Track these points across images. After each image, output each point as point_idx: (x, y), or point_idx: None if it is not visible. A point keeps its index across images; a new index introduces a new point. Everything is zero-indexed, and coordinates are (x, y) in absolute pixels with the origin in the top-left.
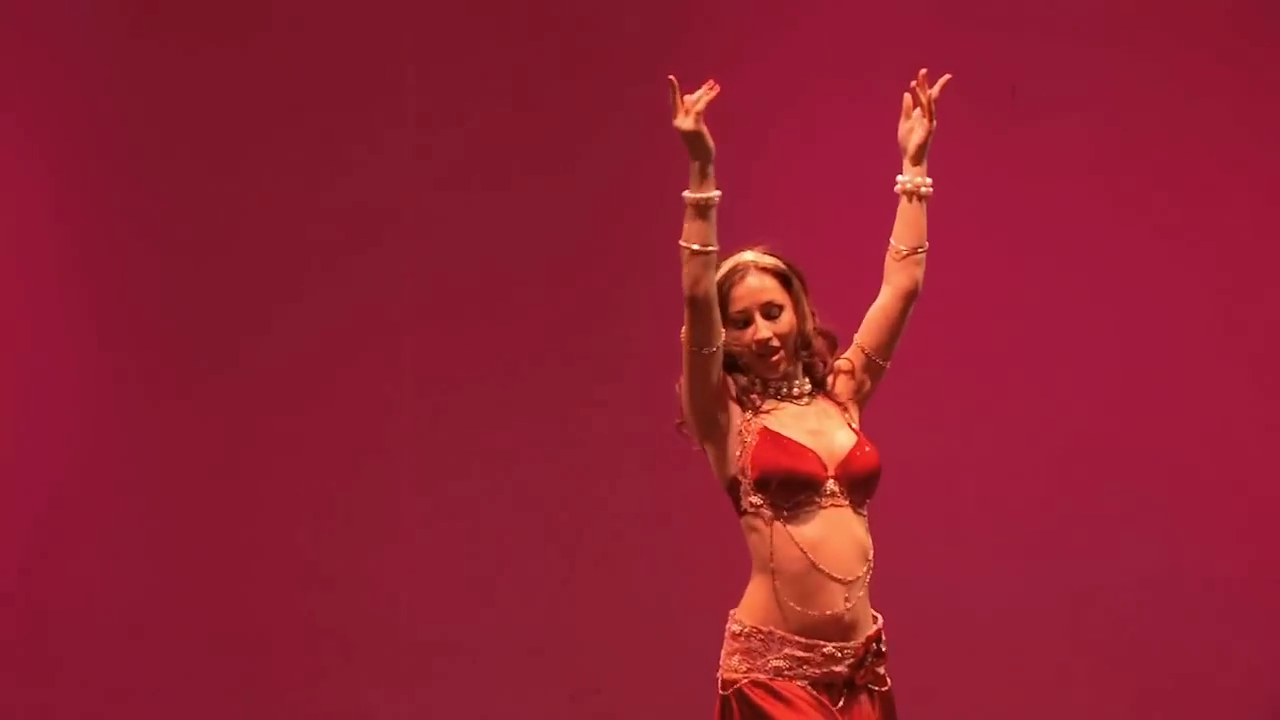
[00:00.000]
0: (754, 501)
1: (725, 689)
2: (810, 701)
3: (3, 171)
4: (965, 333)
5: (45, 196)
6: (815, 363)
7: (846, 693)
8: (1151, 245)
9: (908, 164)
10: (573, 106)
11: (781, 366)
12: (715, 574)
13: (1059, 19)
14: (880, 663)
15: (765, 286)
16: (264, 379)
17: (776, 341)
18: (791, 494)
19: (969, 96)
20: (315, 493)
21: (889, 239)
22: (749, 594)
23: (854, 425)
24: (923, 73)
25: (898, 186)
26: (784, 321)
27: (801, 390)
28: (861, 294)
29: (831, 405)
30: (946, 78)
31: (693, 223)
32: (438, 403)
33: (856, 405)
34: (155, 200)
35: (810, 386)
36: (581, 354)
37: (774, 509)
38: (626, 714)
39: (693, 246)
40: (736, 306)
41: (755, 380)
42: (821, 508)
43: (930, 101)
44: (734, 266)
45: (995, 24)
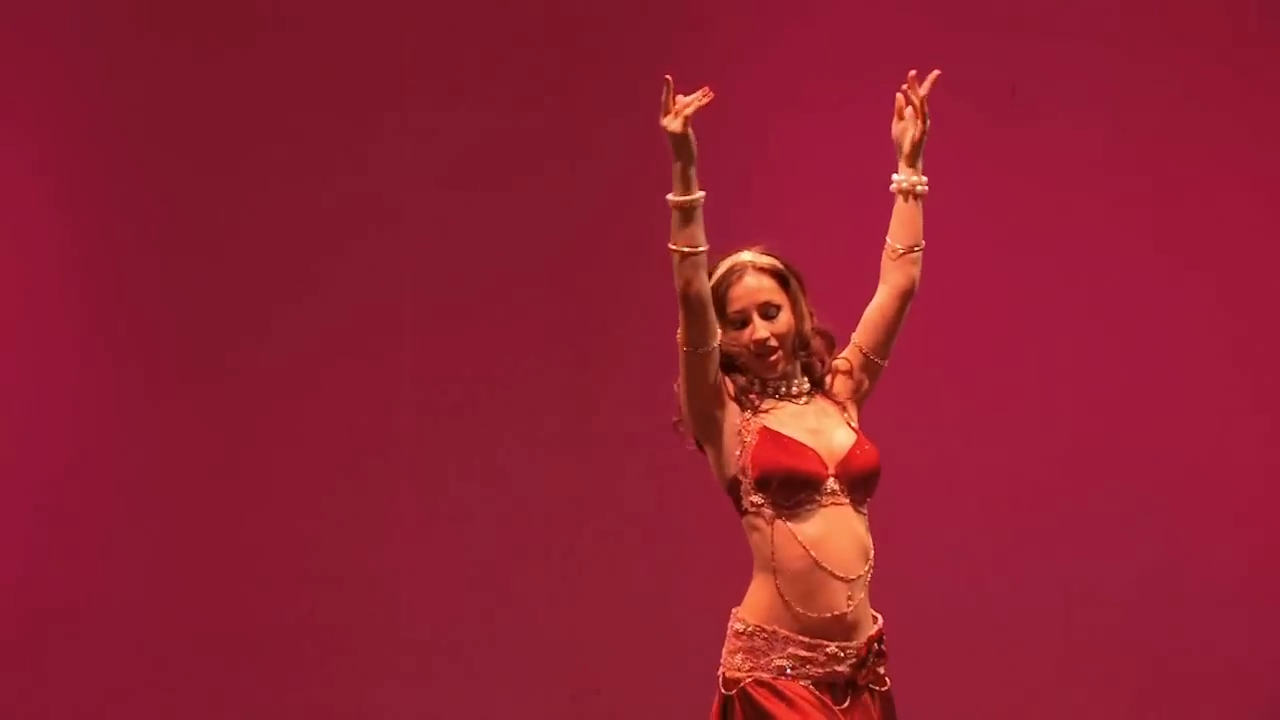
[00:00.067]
0: (755, 501)
1: (728, 688)
2: (813, 702)
3: (3, 171)
4: (965, 332)
5: (45, 196)
6: (813, 362)
7: (849, 693)
8: (1151, 245)
9: (903, 164)
10: (573, 107)
11: (780, 366)
12: (715, 574)
13: (1059, 19)
14: (881, 662)
15: (763, 286)
16: (263, 378)
17: (774, 341)
18: (792, 493)
19: (969, 96)
20: (315, 492)
21: (885, 238)
22: (751, 593)
23: (853, 424)
24: (912, 74)
25: (893, 186)
26: (782, 321)
27: (800, 390)
28: (860, 294)
29: (830, 404)
30: (935, 74)
31: (679, 225)
32: (438, 402)
33: (855, 404)
34: (155, 200)
35: (809, 386)
36: (581, 354)
37: (775, 508)
38: (626, 714)
39: (682, 249)
40: (734, 306)
41: (754, 380)
42: (822, 506)
43: (923, 102)
44: (731, 266)
45: (995, 24)
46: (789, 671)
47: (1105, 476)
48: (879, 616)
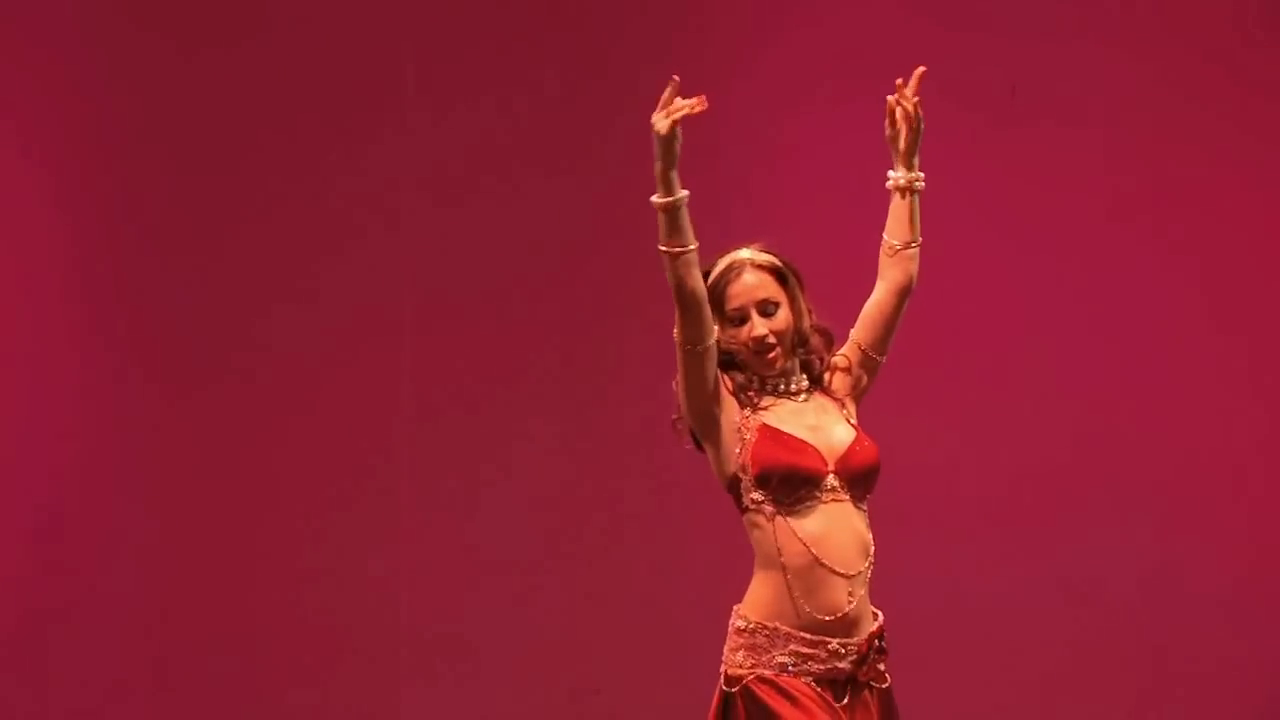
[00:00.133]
0: (755, 498)
1: (730, 685)
2: (816, 700)
3: (2, 171)
4: (965, 331)
5: (45, 196)
6: (812, 359)
7: (850, 689)
8: (1151, 245)
9: (899, 163)
10: (573, 107)
11: (778, 364)
12: (715, 573)
13: (1059, 19)
14: (882, 659)
15: (761, 284)
16: (263, 378)
17: (773, 339)
18: (792, 489)
19: (969, 97)
20: (315, 492)
21: (882, 235)
22: (753, 590)
23: (852, 421)
24: (899, 82)
25: (889, 183)
26: (780, 319)
27: (799, 387)
28: (860, 292)
29: (829, 401)
30: (921, 70)
31: (666, 226)
32: (438, 403)
33: (853, 401)
34: (155, 200)
35: (807, 383)
36: (581, 354)
37: (775, 505)
38: (626, 714)
39: (671, 250)
40: (732, 304)
41: (752, 378)
42: (822, 502)
43: (916, 107)
44: (729, 264)
45: (995, 24)
46: (791, 668)
47: (1105, 475)
48: (879, 613)
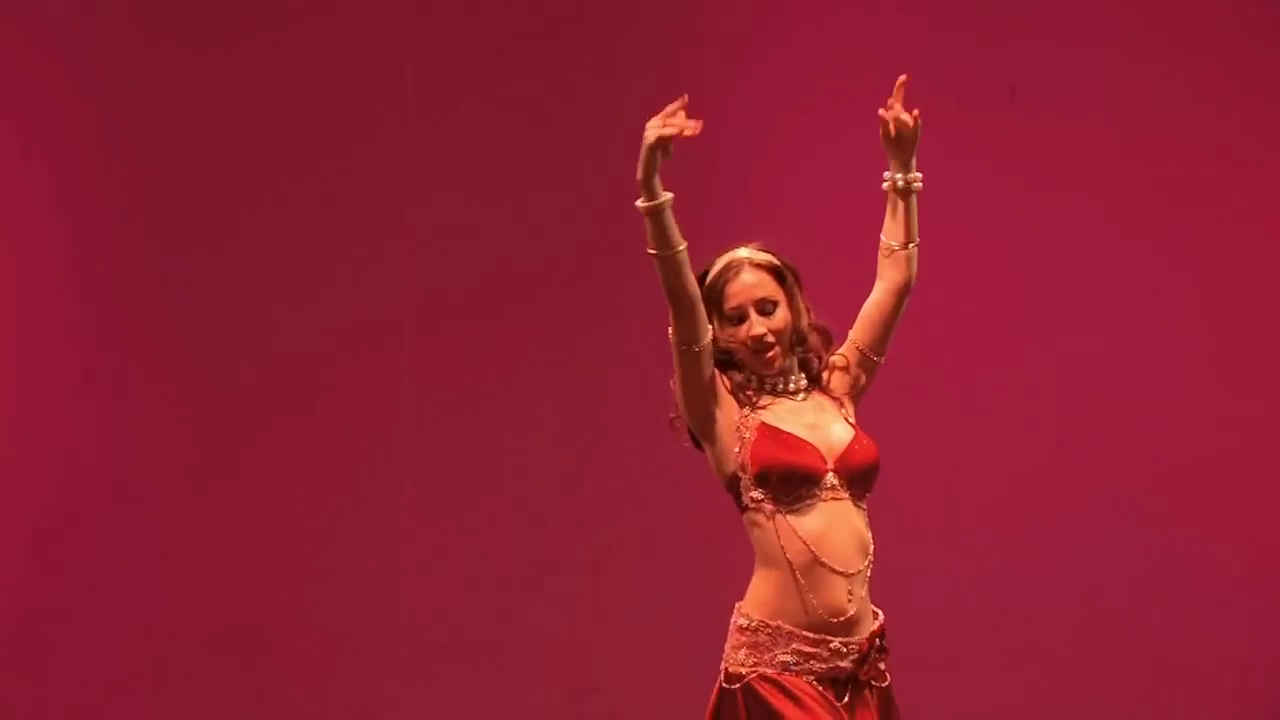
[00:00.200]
0: (755, 496)
1: (731, 683)
2: (818, 699)
3: (3, 171)
4: (964, 331)
5: (45, 196)
6: (810, 358)
7: (850, 688)
8: (1151, 245)
9: (896, 166)
10: (573, 108)
11: (777, 363)
12: (715, 573)
13: (1059, 19)
14: (883, 658)
15: (760, 282)
16: (264, 378)
17: (771, 338)
18: (792, 488)
19: (969, 97)
20: (316, 492)
21: (880, 235)
22: (754, 588)
23: (850, 420)
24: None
25: (886, 184)
26: (779, 317)
27: (798, 386)
28: (860, 292)
29: (827, 400)
30: (902, 79)
31: (653, 230)
32: (438, 402)
33: (852, 400)
34: (155, 200)
35: (806, 382)
36: (581, 354)
37: (775, 503)
38: (626, 714)
39: (661, 253)
40: (731, 303)
41: (751, 377)
42: (822, 501)
43: (915, 119)
44: (728, 263)
45: (995, 24)
46: (793, 667)
47: (1105, 475)
48: (879, 612)
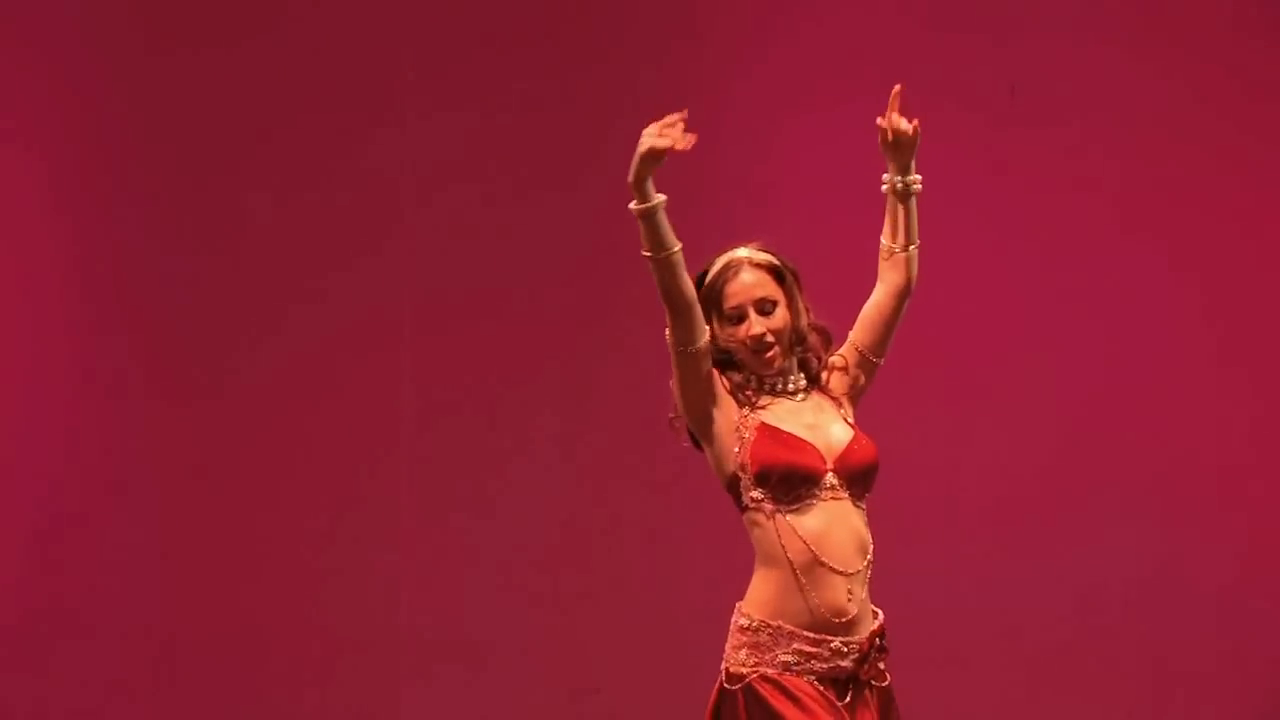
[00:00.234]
0: (755, 496)
1: (732, 683)
2: (819, 700)
3: (2, 171)
4: (964, 331)
5: (45, 196)
6: (810, 358)
7: (852, 688)
8: (1151, 244)
9: (896, 169)
10: (573, 109)
11: (776, 363)
12: (714, 573)
13: (1059, 19)
14: (883, 658)
15: (759, 282)
16: (264, 379)
17: (771, 337)
18: (791, 487)
19: (968, 97)
20: (316, 492)
21: (880, 238)
22: (754, 588)
23: (849, 420)
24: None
25: (885, 186)
26: (778, 317)
27: (797, 386)
28: (860, 292)
29: (827, 400)
30: (897, 89)
31: (646, 232)
32: (438, 404)
33: (850, 400)
34: (155, 201)
35: (805, 382)
36: (581, 355)
37: (775, 502)
38: (626, 714)
39: (655, 255)
40: (730, 303)
41: (750, 377)
42: (821, 500)
43: (914, 129)
44: (727, 263)
45: (995, 24)
46: (794, 667)
47: (1105, 475)
48: (879, 611)
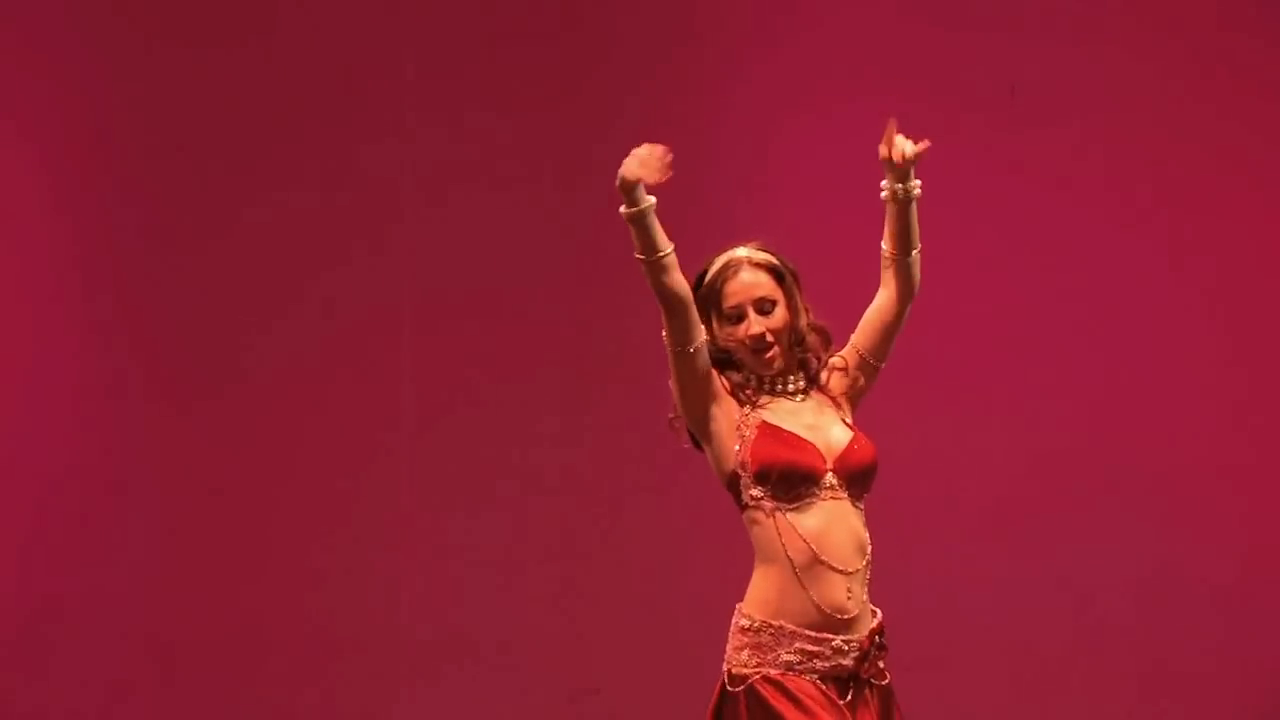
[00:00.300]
0: (754, 494)
1: (734, 685)
2: (821, 701)
3: (3, 171)
4: (964, 332)
5: (45, 196)
6: (809, 358)
7: (852, 686)
8: (1151, 245)
9: (895, 177)
10: (573, 110)
11: (776, 362)
12: (715, 573)
13: (1059, 19)
14: (882, 656)
15: (758, 282)
16: (264, 379)
17: (770, 337)
18: (791, 486)
19: (968, 97)
20: (316, 493)
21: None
22: (755, 587)
23: (848, 421)
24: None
25: (884, 193)
26: (777, 317)
27: (796, 386)
28: (861, 293)
29: (826, 400)
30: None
31: (637, 235)
32: (438, 403)
33: (850, 401)
34: (155, 201)
35: (804, 382)
36: (581, 355)
37: (774, 501)
38: (626, 714)
39: (649, 257)
40: (729, 302)
41: (750, 376)
42: (821, 500)
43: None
44: (726, 263)
45: (995, 24)
46: (796, 667)
47: (1105, 474)
48: (878, 610)
